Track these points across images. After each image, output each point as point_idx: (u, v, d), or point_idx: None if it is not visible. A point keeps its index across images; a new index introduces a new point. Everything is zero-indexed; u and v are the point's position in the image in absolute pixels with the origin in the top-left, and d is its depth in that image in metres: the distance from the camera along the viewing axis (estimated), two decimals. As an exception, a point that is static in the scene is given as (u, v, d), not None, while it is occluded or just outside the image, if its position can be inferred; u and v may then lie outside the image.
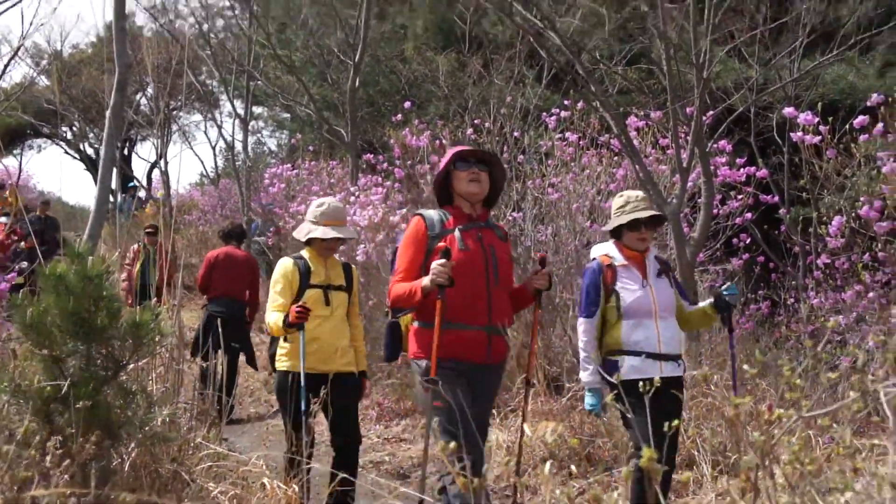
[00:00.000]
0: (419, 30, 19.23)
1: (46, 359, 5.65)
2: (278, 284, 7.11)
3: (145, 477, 5.84)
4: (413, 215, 6.09)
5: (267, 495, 6.28)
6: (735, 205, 11.60)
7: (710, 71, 10.06)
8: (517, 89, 14.30)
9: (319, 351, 7.04)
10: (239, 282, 12.93)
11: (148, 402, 5.97)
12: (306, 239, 7.25)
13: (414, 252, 5.85)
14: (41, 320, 5.64)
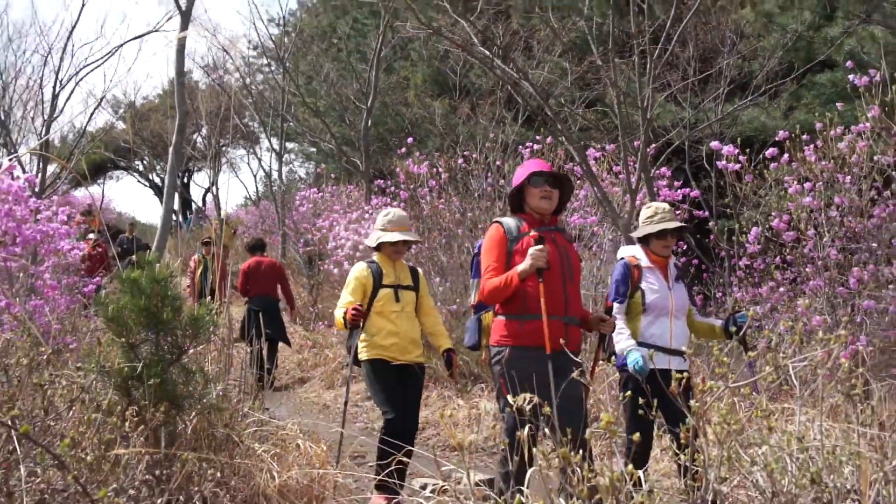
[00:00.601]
0: (419, 80, 19.22)
1: (124, 345, 5.70)
2: (350, 285, 6.76)
3: (203, 439, 5.84)
4: (491, 223, 5.72)
5: (301, 453, 6.29)
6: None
7: (652, 113, 10.09)
8: (498, 127, 14.29)
9: (396, 343, 6.67)
10: (268, 282, 13.06)
11: (205, 379, 6.03)
12: (377, 244, 6.86)
13: (498, 252, 5.47)
14: (120, 315, 5.70)
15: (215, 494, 5.46)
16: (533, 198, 5.54)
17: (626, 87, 10.50)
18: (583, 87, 13.46)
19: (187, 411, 5.76)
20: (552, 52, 13.63)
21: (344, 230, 13.81)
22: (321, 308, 16.89)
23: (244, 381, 7.33)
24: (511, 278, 5.29)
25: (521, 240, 5.43)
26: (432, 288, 12.13)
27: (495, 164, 13.11)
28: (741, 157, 9.54)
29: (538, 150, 12.60)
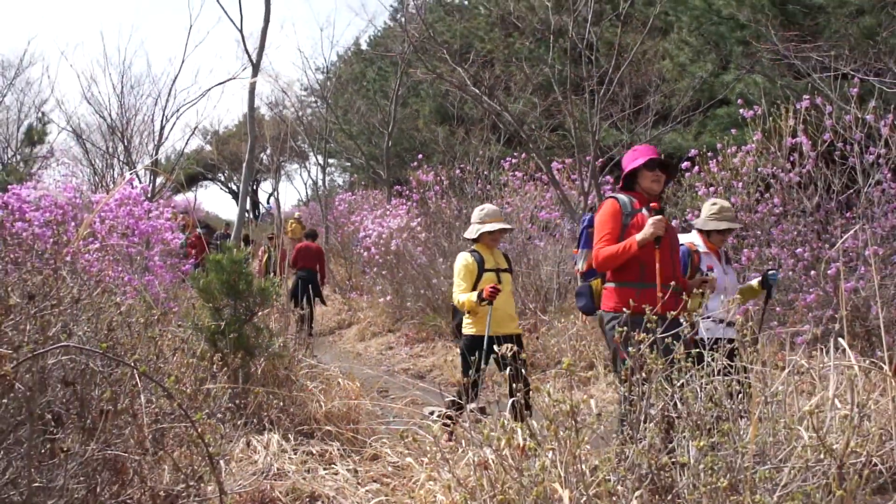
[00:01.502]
0: (427, 112, 19.27)
1: (211, 309, 5.76)
2: (461, 273, 6.09)
3: (269, 378, 5.89)
4: (607, 198, 4.96)
5: (341, 388, 6.33)
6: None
7: (599, 135, 10.11)
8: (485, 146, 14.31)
9: (498, 318, 5.97)
10: (312, 260, 13.61)
11: (270, 334, 6.08)
12: (478, 235, 6.17)
13: (613, 224, 4.72)
14: (208, 286, 5.76)
15: (279, 418, 5.51)
16: (646, 179, 4.88)
17: (579, 117, 10.50)
18: (548, 117, 13.47)
19: (258, 358, 5.83)
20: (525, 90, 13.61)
21: (371, 223, 13.83)
22: (354, 281, 16.99)
23: (298, 336, 7.37)
24: (629, 245, 4.61)
25: (636, 215, 4.77)
26: (436, 265, 12.17)
27: (483, 174, 13.16)
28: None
29: (516, 164, 12.62)
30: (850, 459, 2.73)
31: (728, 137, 8.82)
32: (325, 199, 21.95)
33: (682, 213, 9.22)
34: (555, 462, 2.65)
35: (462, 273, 6.10)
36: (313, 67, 33.33)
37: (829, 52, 8.66)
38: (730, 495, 2.57)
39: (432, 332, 11.20)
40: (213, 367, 4.48)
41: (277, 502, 4.32)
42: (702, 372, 3.26)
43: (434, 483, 3.70)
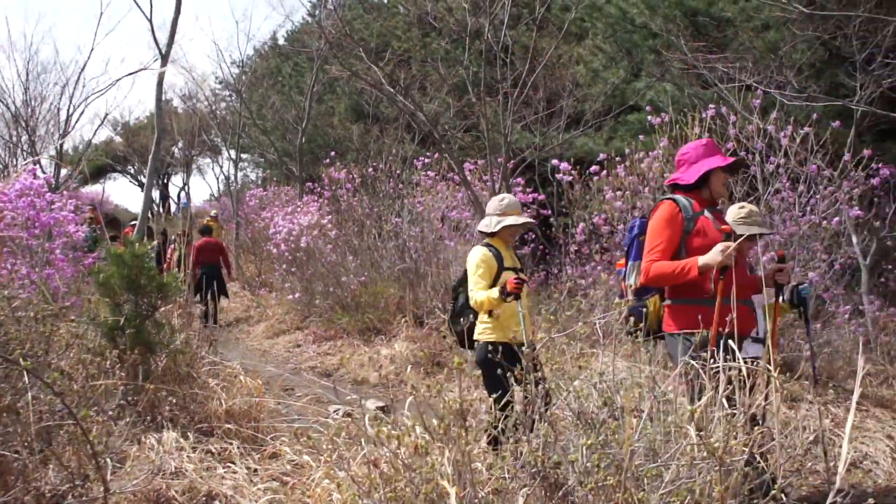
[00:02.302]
0: (342, 109, 19.16)
1: (111, 304, 5.62)
2: (479, 269, 5.24)
3: (171, 375, 5.77)
4: (663, 200, 4.35)
5: (243, 385, 6.23)
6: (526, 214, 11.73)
7: (511, 137, 10.20)
8: (399, 145, 14.31)
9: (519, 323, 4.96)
10: (214, 255, 14.03)
11: (171, 330, 5.97)
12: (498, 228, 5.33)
13: (671, 233, 4.14)
14: (108, 281, 5.63)
15: (178, 416, 5.42)
16: (717, 182, 4.33)
17: (493, 119, 10.56)
18: (462, 118, 13.54)
19: (158, 354, 5.71)
20: (441, 91, 13.64)
21: (281, 220, 13.68)
22: (264, 277, 16.82)
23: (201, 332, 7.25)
24: (687, 268, 4.04)
25: (698, 219, 4.21)
26: (346, 263, 12.12)
27: (396, 173, 13.14)
28: (573, 171, 9.71)
29: (428, 163, 12.65)
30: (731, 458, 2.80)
31: (637, 143, 9.01)
32: (237, 194, 21.66)
33: (589, 217, 9.36)
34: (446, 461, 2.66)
35: (480, 269, 5.29)
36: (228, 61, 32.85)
37: (734, 64, 8.91)
38: (616, 492, 2.62)
39: (340, 330, 11.14)
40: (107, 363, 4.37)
41: (173, 502, 4.24)
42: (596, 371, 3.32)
43: (330, 481, 3.68)
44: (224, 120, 23.69)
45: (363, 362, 9.38)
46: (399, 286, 11.33)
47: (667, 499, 2.73)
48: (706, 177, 4.32)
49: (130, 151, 33.73)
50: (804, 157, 7.89)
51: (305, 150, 18.73)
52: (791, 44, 8.89)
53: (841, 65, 8.71)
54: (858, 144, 8.11)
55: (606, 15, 11.49)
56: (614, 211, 8.83)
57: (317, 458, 4.19)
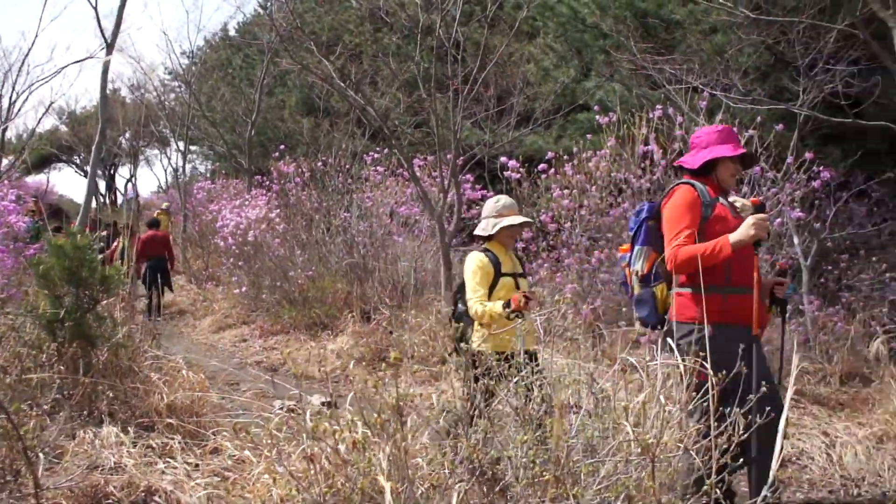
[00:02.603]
0: (292, 103, 19.01)
1: (51, 296, 5.52)
2: (476, 275, 4.91)
3: (112, 369, 5.69)
4: (680, 184, 4.14)
5: (186, 379, 6.17)
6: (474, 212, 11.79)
7: (461, 134, 10.21)
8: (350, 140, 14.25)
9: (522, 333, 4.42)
10: (160, 248, 14.36)
11: (114, 323, 5.88)
12: (495, 231, 5.04)
13: (692, 216, 3.94)
14: (49, 273, 5.53)
15: (116, 410, 5.35)
16: (726, 170, 4.16)
17: (443, 115, 10.58)
18: (412, 114, 13.53)
19: (100, 348, 5.62)
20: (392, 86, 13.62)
21: (229, 213, 13.55)
22: (210, 271, 16.68)
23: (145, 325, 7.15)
24: (719, 246, 3.81)
25: (715, 205, 4.05)
26: (294, 258, 12.06)
27: (345, 167, 13.10)
28: (522, 169, 9.76)
29: (378, 159, 12.63)
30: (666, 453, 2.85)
31: (585, 142, 9.08)
32: (185, 187, 21.42)
33: (536, 215, 9.42)
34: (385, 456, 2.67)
35: (477, 276, 4.95)
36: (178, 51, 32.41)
37: (682, 66, 9.03)
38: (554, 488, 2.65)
39: (287, 324, 11.08)
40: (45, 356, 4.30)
41: (111, 497, 4.18)
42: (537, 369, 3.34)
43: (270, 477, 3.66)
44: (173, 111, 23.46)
45: (309, 357, 9.34)
46: (347, 281, 11.31)
47: (602, 494, 2.77)
48: (713, 165, 4.17)
49: (76, 141, 33.12)
50: (748, 160, 8.03)
51: (255, 143, 18.60)
52: (737, 47, 9.04)
53: (785, 69, 8.86)
54: (801, 147, 8.27)
55: (558, 14, 11.56)
56: (561, 209, 8.89)
57: (257, 454, 4.17)
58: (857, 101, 8.38)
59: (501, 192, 10.72)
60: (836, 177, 8.83)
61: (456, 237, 11.00)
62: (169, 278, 14.67)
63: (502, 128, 11.92)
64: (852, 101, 8.08)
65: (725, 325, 3.83)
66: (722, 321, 3.81)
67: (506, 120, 11.85)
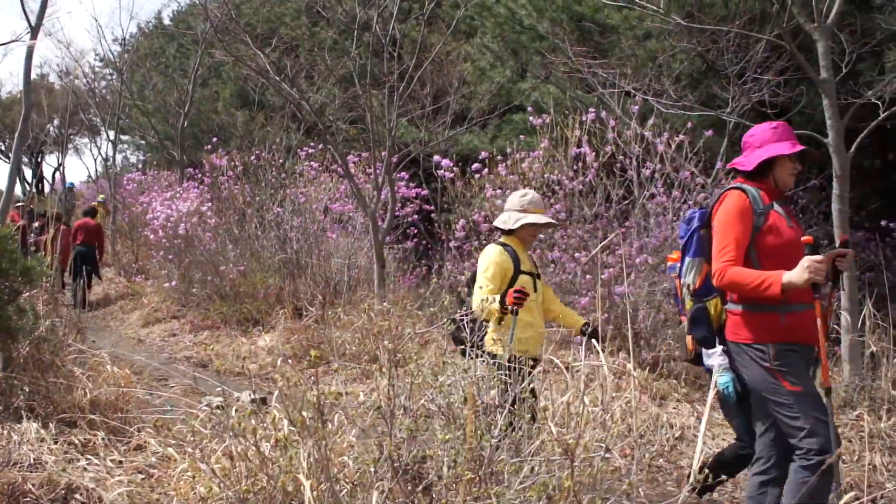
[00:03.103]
0: (227, 95, 18.81)
1: (-32, 288, 5.38)
2: (490, 270, 4.59)
3: (33, 364, 5.57)
4: (730, 189, 3.85)
5: (110, 374, 6.07)
6: (408, 210, 11.83)
7: (396, 131, 10.23)
8: (284, 134, 14.14)
9: (535, 337, 4.53)
10: (91, 236, 14.54)
11: (36, 316, 5.75)
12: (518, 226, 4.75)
13: (742, 229, 3.60)
14: (-34, 264, 5.39)
15: (35, 406, 5.24)
16: (785, 170, 3.82)
17: (378, 112, 10.56)
18: (348, 109, 13.48)
19: (21, 342, 5.50)
20: (328, 81, 13.54)
21: (160, 205, 13.34)
22: (140, 264, 16.42)
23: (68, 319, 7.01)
24: (769, 284, 3.45)
25: (769, 213, 3.70)
26: (226, 252, 11.93)
27: (279, 162, 13.00)
28: (457, 168, 9.81)
29: (313, 154, 12.56)
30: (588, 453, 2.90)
31: (519, 143, 9.16)
32: (116, 177, 21.02)
33: (470, 213, 9.47)
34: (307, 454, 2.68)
35: (491, 270, 4.61)
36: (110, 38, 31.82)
37: (616, 70, 9.18)
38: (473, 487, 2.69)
39: (218, 319, 10.96)
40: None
41: (30, 495, 4.10)
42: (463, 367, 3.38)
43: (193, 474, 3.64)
44: (104, 99, 22.98)
45: (240, 353, 9.26)
46: (279, 277, 11.23)
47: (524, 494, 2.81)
48: (769, 165, 3.84)
49: (1, 127, 32.23)
50: (679, 164, 8.21)
51: (187, 134, 18.36)
52: (670, 54, 9.22)
53: (715, 77, 9.07)
54: (731, 153, 8.46)
55: (495, 14, 11.64)
56: (494, 209, 8.96)
57: (181, 451, 4.13)
58: (784, 110, 8.61)
59: (436, 190, 10.77)
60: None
61: (389, 235, 11.01)
62: (97, 267, 14.90)
63: (438, 126, 11.95)
64: (779, 109, 8.31)
65: (787, 343, 3.59)
66: (782, 340, 3.58)
67: (441, 118, 11.88)
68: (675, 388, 6.97)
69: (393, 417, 2.85)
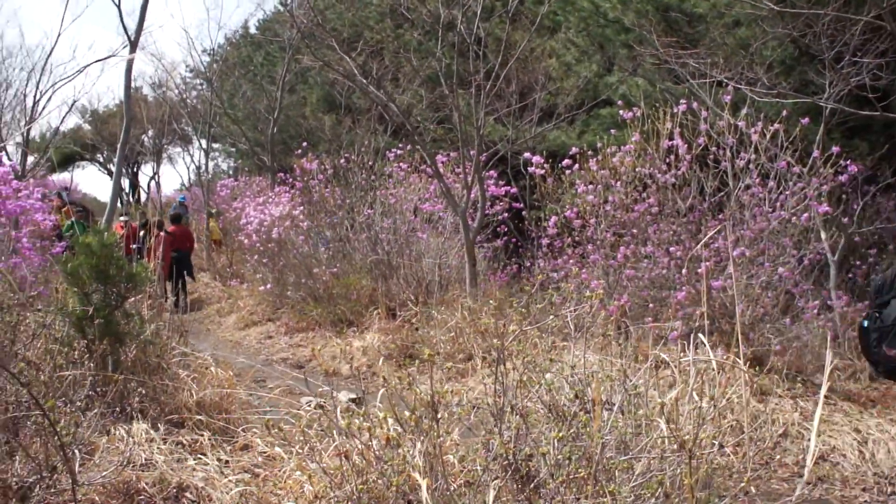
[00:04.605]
0: (314, 100, 19.08)
1: (79, 293, 5.56)
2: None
3: (140, 366, 5.72)
4: None
5: (214, 376, 6.20)
6: (498, 208, 11.79)
7: (484, 130, 10.20)
8: (372, 136, 14.25)
9: None
10: (184, 242, 15.50)
11: (141, 320, 5.90)
12: None
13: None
14: (77, 270, 5.57)
15: (148, 407, 5.38)
16: None
17: (465, 111, 10.57)
18: (435, 110, 13.53)
19: (128, 345, 5.65)
20: (413, 82, 13.63)
21: (253, 210, 13.60)
22: (235, 268, 16.77)
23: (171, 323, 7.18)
24: None
25: None
26: (318, 255, 12.08)
27: (368, 164, 13.11)
28: (546, 165, 9.72)
29: (401, 155, 12.63)
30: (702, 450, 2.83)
31: (609, 137, 9.03)
32: (208, 184, 21.55)
33: (561, 211, 9.39)
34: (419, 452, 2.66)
35: None
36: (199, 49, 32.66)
37: (706, 60, 8.97)
38: (588, 485, 2.64)
39: (312, 321, 11.11)
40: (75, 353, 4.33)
41: (143, 493, 4.21)
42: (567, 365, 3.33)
43: (302, 473, 3.67)
44: (195, 109, 23.57)
45: (335, 354, 9.35)
46: (371, 278, 11.32)
47: (637, 491, 2.75)
48: None
49: (99, 139, 33.42)
50: (774, 154, 7.97)
51: (277, 140, 18.67)
52: (762, 41, 8.97)
53: (811, 62, 8.79)
54: (827, 141, 8.19)
55: (579, 9, 11.52)
56: (586, 205, 8.85)
57: (288, 450, 4.18)
58: (885, 94, 8.29)
59: (525, 188, 10.72)
60: (863, 171, 8.73)
61: (479, 233, 10.99)
62: (191, 268, 16.16)
63: (525, 123, 11.90)
64: (880, 93, 7.99)
65: None
66: None
67: (528, 115, 11.82)
68: (776, 384, 6.77)
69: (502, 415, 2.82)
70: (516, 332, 3.72)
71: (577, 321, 3.97)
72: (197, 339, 10.39)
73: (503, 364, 3.27)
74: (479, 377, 7.67)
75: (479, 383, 7.45)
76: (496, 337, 3.36)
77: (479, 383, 7.45)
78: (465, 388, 7.18)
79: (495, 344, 3.25)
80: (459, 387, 7.25)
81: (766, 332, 7.44)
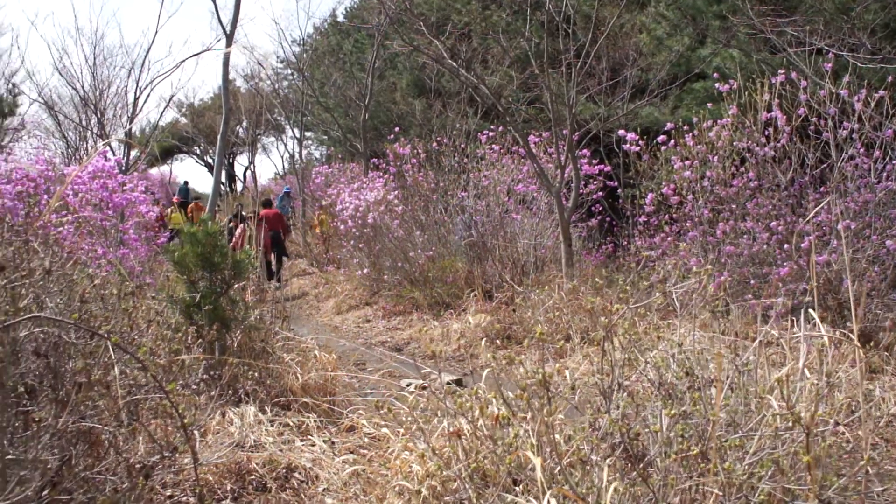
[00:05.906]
0: (404, 85, 19.19)
1: (186, 282, 5.73)
2: None
3: (246, 351, 5.88)
4: None
5: (318, 360, 6.33)
6: (592, 187, 11.68)
7: (576, 109, 10.10)
8: (462, 119, 14.28)
9: None
10: (276, 223, 16.15)
11: (246, 306, 6.07)
12: None
13: None
14: (183, 259, 5.74)
15: (256, 390, 5.52)
16: None
17: (556, 90, 10.47)
18: (525, 90, 13.44)
19: (233, 330, 5.82)
20: (503, 63, 13.56)
21: (348, 196, 13.77)
22: (331, 254, 17.02)
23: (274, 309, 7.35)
24: None
25: None
26: (413, 238, 12.17)
27: (460, 147, 13.12)
28: (640, 142, 9.57)
29: (493, 137, 12.60)
30: (817, 428, 2.76)
31: (704, 111, 8.84)
32: (302, 172, 21.92)
33: (657, 188, 9.24)
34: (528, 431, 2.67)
35: None
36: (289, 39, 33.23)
37: (803, 27, 8.68)
38: (700, 462, 2.60)
39: (409, 304, 11.21)
40: (188, 339, 4.48)
41: (254, 473, 4.34)
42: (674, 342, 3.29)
43: (409, 453, 3.72)
44: (287, 98, 23.98)
45: (434, 336, 9.43)
46: (467, 260, 11.35)
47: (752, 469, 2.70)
48: None
49: (196, 132, 34.40)
50: (879, 122, 7.66)
51: (369, 126, 18.85)
52: (863, 4, 8.62)
53: (917, 24, 8.43)
54: (935, 107, 7.83)
55: (669, -18, 11.29)
56: (683, 181, 8.69)
57: (395, 431, 4.24)
58: None
59: (618, 165, 10.57)
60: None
61: (575, 213, 10.91)
62: (284, 247, 16.91)
63: (617, 101, 11.74)
64: None
65: None
66: None
67: (620, 92, 11.66)
68: (885, 361, 6.53)
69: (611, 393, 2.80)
70: (622, 310, 3.69)
71: (681, 299, 3.90)
72: (297, 324, 10.61)
73: (611, 342, 3.25)
74: (577, 357, 7.62)
75: (577, 364, 7.41)
76: (602, 315, 3.34)
77: (577, 364, 7.41)
78: (566, 367, 7.13)
79: (602, 322, 3.22)
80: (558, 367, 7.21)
81: (874, 307, 7.18)
